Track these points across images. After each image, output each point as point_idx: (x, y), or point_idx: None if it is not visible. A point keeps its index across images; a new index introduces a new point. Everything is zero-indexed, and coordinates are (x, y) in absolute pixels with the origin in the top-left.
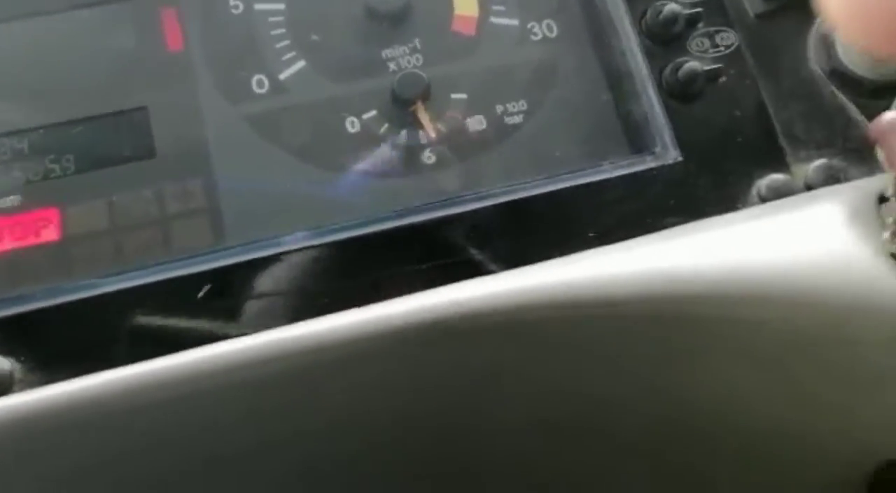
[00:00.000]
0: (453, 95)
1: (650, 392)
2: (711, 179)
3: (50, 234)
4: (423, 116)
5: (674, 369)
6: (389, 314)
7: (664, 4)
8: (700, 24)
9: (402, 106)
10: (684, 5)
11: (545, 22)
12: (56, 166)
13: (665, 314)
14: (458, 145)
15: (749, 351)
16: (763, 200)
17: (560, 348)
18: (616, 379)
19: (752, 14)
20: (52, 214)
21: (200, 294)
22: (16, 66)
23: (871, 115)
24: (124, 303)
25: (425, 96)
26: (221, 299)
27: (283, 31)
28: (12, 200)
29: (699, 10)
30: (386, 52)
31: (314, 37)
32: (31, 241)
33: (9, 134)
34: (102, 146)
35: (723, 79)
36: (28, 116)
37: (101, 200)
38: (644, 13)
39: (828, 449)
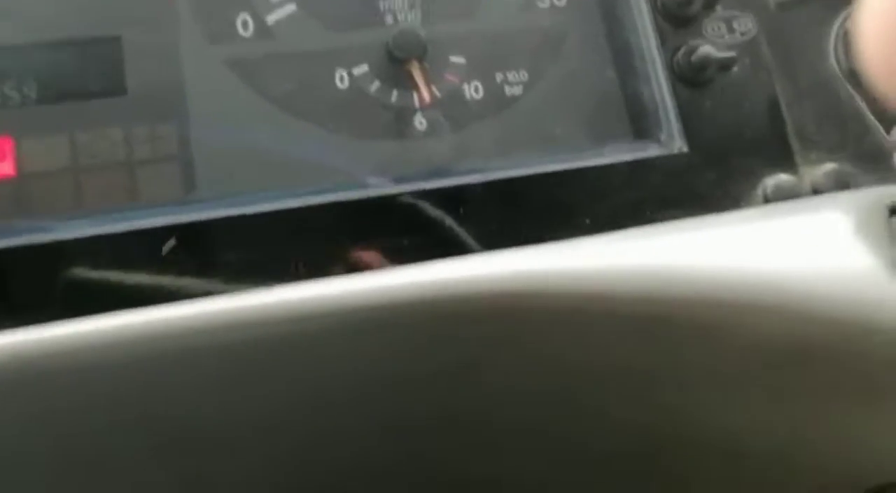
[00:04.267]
0: (451, 58)
1: (636, 399)
2: (716, 174)
3: (5, 168)
4: (419, 76)
5: (661, 376)
6: (370, 288)
7: None
8: (718, 7)
9: (397, 63)
10: None
11: None
12: (15, 93)
13: (656, 316)
14: (453, 112)
15: (742, 362)
16: (768, 200)
17: (543, 337)
18: (602, 387)
19: (773, 3)
20: (6, 144)
21: (165, 250)
22: None
23: (887, 120)
24: (81, 252)
25: (421, 56)
26: (187, 257)
27: None
28: None
29: None
30: (383, 4)
31: None
32: None
33: None
34: (69, 75)
35: (736, 68)
36: None
37: (63, 135)
38: None
39: (821, 469)
